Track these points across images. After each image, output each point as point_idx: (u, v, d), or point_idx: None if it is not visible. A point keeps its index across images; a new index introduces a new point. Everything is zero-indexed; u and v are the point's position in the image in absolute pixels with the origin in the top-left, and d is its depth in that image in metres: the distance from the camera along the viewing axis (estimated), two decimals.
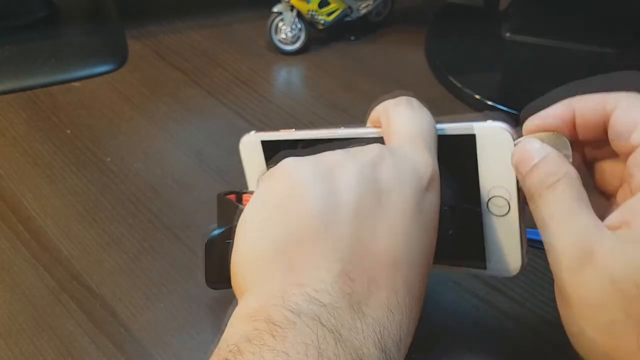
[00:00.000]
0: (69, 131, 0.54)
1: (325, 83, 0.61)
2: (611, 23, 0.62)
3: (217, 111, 0.57)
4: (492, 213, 0.32)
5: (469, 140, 0.31)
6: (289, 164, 0.29)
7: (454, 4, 0.73)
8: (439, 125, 0.32)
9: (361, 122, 0.56)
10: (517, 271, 0.32)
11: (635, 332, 0.24)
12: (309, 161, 0.29)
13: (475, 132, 0.31)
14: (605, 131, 0.29)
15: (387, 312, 0.26)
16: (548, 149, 0.29)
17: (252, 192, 0.34)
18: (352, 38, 0.67)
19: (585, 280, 0.25)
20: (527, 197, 0.29)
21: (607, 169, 0.31)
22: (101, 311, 0.40)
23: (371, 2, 0.66)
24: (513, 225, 0.32)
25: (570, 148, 0.30)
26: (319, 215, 0.26)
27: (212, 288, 0.30)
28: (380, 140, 0.32)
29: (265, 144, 0.38)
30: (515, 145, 0.30)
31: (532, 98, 0.57)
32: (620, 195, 0.31)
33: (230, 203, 0.34)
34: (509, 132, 0.30)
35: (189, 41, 0.66)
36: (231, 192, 0.36)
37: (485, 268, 0.33)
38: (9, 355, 0.37)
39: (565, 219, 0.27)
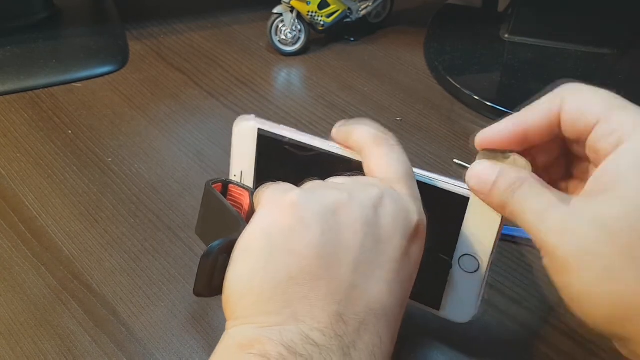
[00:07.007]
0: (70, 132, 0.54)
1: (324, 84, 0.61)
2: (609, 24, 0.62)
3: (217, 112, 0.57)
4: (461, 267, 0.34)
5: (462, 201, 0.33)
6: (298, 197, 0.28)
7: (452, 5, 0.73)
8: (441, 177, 0.33)
9: None
10: (468, 320, 0.35)
11: (633, 271, 0.25)
12: (317, 198, 0.29)
13: (470, 196, 0.33)
14: (554, 133, 0.31)
15: (371, 356, 0.27)
16: (499, 165, 0.31)
17: (238, 184, 0.34)
18: (352, 39, 0.68)
19: (574, 236, 0.27)
20: (497, 209, 0.31)
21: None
22: (102, 310, 0.40)
23: (370, 4, 0.66)
24: (476, 282, 0.34)
25: (529, 167, 0.31)
26: (322, 256, 0.27)
27: (197, 296, 0.30)
28: None
29: (261, 134, 0.37)
30: (466, 173, 0.32)
31: (531, 99, 0.58)
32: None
33: (223, 207, 0.32)
34: None
35: (189, 42, 0.67)
36: (218, 181, 0.35)
37: (438, 310, 0.36)
38: (11, 355, 0.37)
39: (539, 204, 0.28)
